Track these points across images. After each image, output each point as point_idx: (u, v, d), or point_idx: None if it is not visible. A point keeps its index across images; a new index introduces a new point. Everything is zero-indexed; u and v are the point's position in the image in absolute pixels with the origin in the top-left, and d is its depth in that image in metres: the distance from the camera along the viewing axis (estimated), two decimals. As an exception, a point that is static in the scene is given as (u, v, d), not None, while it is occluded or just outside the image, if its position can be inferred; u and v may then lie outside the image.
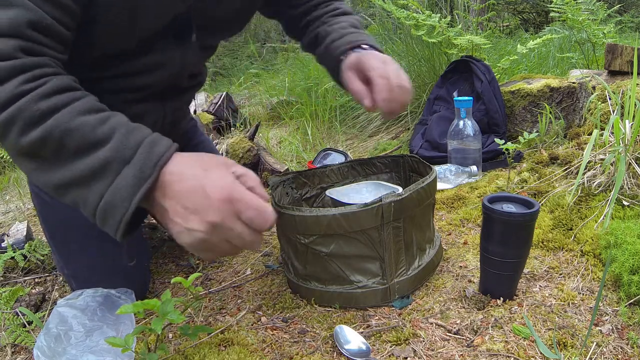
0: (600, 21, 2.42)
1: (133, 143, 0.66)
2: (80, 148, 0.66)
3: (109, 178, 0.65)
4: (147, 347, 0.78)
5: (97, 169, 0.65)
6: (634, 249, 0.90)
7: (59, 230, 1.03)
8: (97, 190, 0.65)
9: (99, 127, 0.67)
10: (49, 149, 0.66)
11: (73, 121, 0.66)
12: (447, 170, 1.54)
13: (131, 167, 0.65)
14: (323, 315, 0.92)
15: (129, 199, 0.64)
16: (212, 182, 0.63)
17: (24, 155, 0.68)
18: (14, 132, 0.66)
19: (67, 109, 0.67)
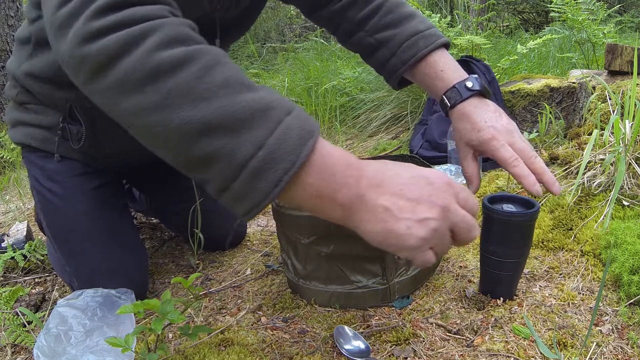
0: (600, 21, 2.42)
1: (286, 99, 0.57)
2: (231, 82, 0.54)
3: (271, 124, 0.53)
4: (147, 347, 0.78)
5: (256, 111, 0.53)
6: (634, 249, 0.90)
7: (62, 229, 1.04)
8: (254, 137, 0.52)
9: (247, 77, 0.57)
10: (192, 70, 0.53)
11: (222, 56, 0.56)
12: (447, 170, 1.54)
13: (294, 117, 0.55)
14: (323, 315, 0.92)
15: (297, 149, 0.53)
16: (421, 169, 0.60)
17: (155, 73, 0.53)
18: (150, 43, 0.53)
19: (213, 47, 0.57)
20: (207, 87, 0.53)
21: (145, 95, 0.54)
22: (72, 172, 1.05)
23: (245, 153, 0.52)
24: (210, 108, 0.53)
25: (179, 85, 0.53)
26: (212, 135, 0.53)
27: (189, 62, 0.54)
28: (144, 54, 0.53)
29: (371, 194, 0.57)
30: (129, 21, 0.54)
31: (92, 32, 0.54)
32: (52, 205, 1.03)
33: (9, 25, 3.08)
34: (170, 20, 0.56)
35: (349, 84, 2.80)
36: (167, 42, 0.54)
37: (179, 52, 0.54)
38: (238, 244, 1.32)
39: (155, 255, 1.33)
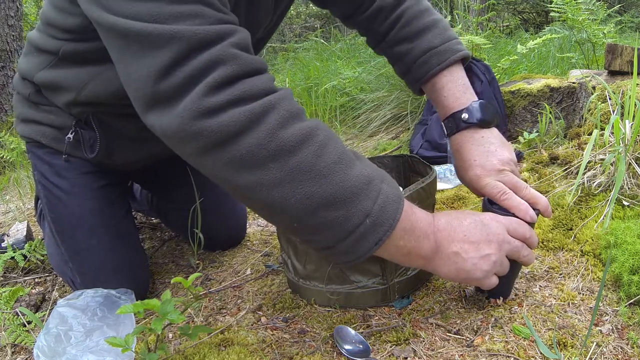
0: (600, 21, 2.42)
1: (374, 165, 0.66)
2: (342, 158, 0.60)
3: (373, 194, 0.61)
4: (147, 347, 0.78)
5: (363, 184, 0.61)
6: (634, 249, 0.90)
7: (68, 225, 1.04)
8: (363, 208, 0.60)
9: (344, 145, 0.63)
10: (312, 149, 0.57)
11: (330, 130, 0.62)
12: (447, 170, 1.54)
13: (387, 184, 0.65)
14: (323, 315, 0.92)
15: (393, 214, 0.63)
16: (477, 215, 0.76)
17: (278, 153, 0.56)
18: (272, 122, 0.56)
19: (320, 121, 0.63)
20: (325, 164, 0.58)
21: (268, 172, 0.57)
22: (80, 169, 1.05)
23: (356, 221, 0.60)
24: (329, 184, 0.58)
25: (301, 163, 0.57)
26: (330, 208, 0.59)
27: (308, 140, 0.58)
28: (267, 132, 0.56)
29: (444, 244, 0.71)
30: (248, 97, 0.56)
31: (210, 107, 0.55)
32: (59, 201, 1.04)
33: (9, 25, 3.08)
34: (284, 95, 0.59)
35: (349, 84, 2.80)
36: (287, 119, 0.57)
37: (298, 129, 0.58)
38: (238, 244, 1.32)
39: (155, 255, 1.33)
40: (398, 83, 2.45)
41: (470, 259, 0.72)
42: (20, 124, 1.09)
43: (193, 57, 0.56)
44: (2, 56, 3.05)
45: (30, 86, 1.03)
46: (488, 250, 0.73)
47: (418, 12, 0.92)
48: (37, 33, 0.98)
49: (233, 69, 0.56)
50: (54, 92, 0.99)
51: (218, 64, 0.56)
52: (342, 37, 4.77)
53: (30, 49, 1.01)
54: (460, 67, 0.90)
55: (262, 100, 0.57)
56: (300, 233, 0.64)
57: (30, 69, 1.00)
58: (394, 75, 2.52)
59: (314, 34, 4.25)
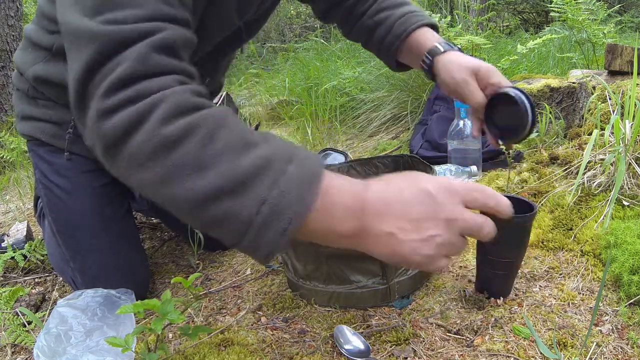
0: (600, 21, 2.42)
1: (289, 146, 0.58)
2: (233, 145, 0.55)
3: (269, 178, 0.54)
4: (147, 347, 0.78)
5: (258, 167, 0.54)
6: (634, 249, 0.90)
7: (68, 224, 1.04)
8: (255, 196, 0.53)
9: (250, 130, 0.58)
10: (196, 140, 0.54)
11: (226, 119, 0.58)
12: (447, 170, 1.54)
13: (295, 164, 0.55)
14: (323, 315, 0.92)
15: (299, 201, 0.53)
16: (423, 182, 0.58)
17: (160, 150, 0.54)
18: (155, 118, 0.54)
19: (217, 108, 0.59)
20: (210, 154, 0.54)
21: (151, 171, 0.55)
22: (81, 168, 1.05)
23: (249, 212, 0.53)
24: (214, 175, 0.54)
25: (182, 157, 0.54)
26: (218, 200, 0.54)
27: (191, 133, 0.54)
28: (149, 130, 0.54)
29: (373, 223, 0.57)
30: (137, 97, 0.55)
31: (105, 109, 0.55)
32: (60, 200, 1.04)
33: (9, 25, 3.08)
34: (174, 91, 0.56)
35: (349, 84, 2.80)
36: (170, 116, 0.54)
37: (183, 123, 0.54)
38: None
39: (155, 255, 1.33)
40: (398, 83, 2.45)
41: (408, 241, 0.57)
42: (20, 122, 1.09)
43: (106, 61, 0.56)
44: (2, 56, 3.04)
45: (28, 81, 1.04)
46: (433, 231, 0.56)
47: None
48: (33, 26, 1.00)
49: (133, 70, 0.55)
50: (49, 87, 0.99)
51: (120, 64, 0.55)
52: (342, 37, 4.77)
53: (26, 44, 1.02)
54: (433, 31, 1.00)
55: (150, 98, 0.55)
56: (208, 230, 0.58)
57: (26, 64, 1.01)
58: (394, 75, 2.52)
59: (314, 34, 4.26)
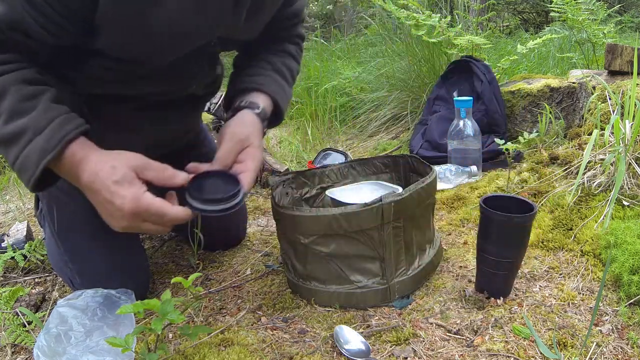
0: (600, 21, 2.42)
1: (47, 119, 0.77)
2: (6, 112, 0.76)
3: (21, 144, 0.76)
4: (147, 347, 0.78)
5: (16, 135, 0.76)
6: (634, 249, 0.90)
7: (67, 226, 1.04)
8: (13, 153, 0.77)
9: (27, 100, 0.77)
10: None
11: (9, 87, 0.76)
12: (447, 170, 1.54)
13: (41, 137, 0.76)
14: (323, 315, 0.92)
15: (36, 164, 0.76)
16: (121, 197, 0.76)
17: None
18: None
19: (11, 74, 0.77)
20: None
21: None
22: None
23: (11, 160, 0.78)
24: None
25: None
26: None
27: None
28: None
29: (75, 176, 0.80)
30: None
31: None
32: (59, 201, 1.04)
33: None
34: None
35: (349, 84, 2.80)
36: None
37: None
38: (238, 244, 1.32)
39: (155, 255, 1.33)
40: (398, 83, 2.45)
41: (100, 212, 0.79)
42: None
43: None
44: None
45: None
46: (113, 224, 0.79)
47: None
48: None
49: None
50: None
51: None
52: (342, 37, 4.77)
53: None
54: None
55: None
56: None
57: None
58: (394, 75, 2.52)
59: (314, 34, 4.26)
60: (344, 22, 7.01)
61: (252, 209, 1.57)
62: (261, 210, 1.57)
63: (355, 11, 6.06)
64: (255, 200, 1.66)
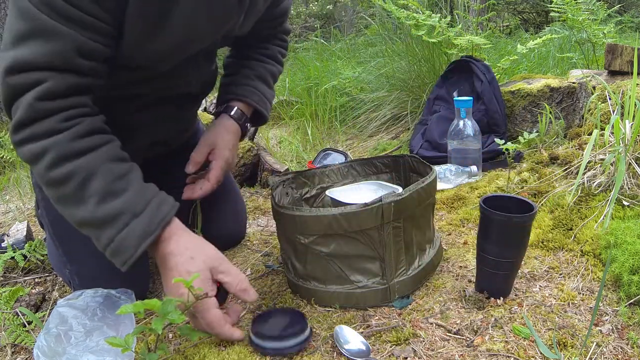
0: (600, 21, 2.42)
1: (143, 200, 0.80)
2: (98, 193, 0.77)
3: (119, 227, 0.78)
4: (147, 347, 0.78)
5: (111, 217, 0.78)
6: (634, 249, 0.90)
7: (65, 227, 1.03)
8: (108, 235, 0.78)
9: (117, 180, 0.79)
10: (72, 186, 0.76)
11: (99, 167, 0.78)
12: (447, 170, 1.54)
13: (139, 221, 0.79)
14: (323, 315, 0.92)
15: (135, 247, 0.79)
16: (196, 268, 0.81)
17: (50, 185, 0.78)
18: (44, 163, 0.75)
19: (95, 152, 0.79)
20: (82, 195, 0.77)
21: (50, 192, 0.80)
22: None
23: (104, 242, 0.79)
24: (83, 212, 0.78)
25: (64, 194, 0.78)
26: (87, 227, 0.80)
27: (70, 179, 0.77)
28: (42, 171, 0.77)
29: (162, 252, 0.83)
30: (32, 137, 0.76)
31: (15, 141, 0.78)
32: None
33: (9, 25, 3.07)
34: (58, 140, 0.76)
35: (349, 84, 2.80)
36: (54, 163, 0.76)
37: (62, 171, 0.76)
38: (238, 243, 1.32)
39: (155, 255, 1.33)
40: (398, 83, 2.45)
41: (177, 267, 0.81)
42: None
43: (13, 102, 0.76)
44: (2, 56, 3.04)
45: None
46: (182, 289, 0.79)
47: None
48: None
49: (25, 116, 0.75)
50: None
51: (18, 109, 0.75)
52: (342, 37, 4.77)
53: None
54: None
55: (40, 143, 0.75)
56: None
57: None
58: (394, 75, 2.52)
59: (314, 34, 4.26)
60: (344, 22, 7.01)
61: (252, 209, 1.57)
62: (261, 210, 1.57)
63: (355, 11, 6.06)
64: (255, 200, 1.66)
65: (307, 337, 0.82)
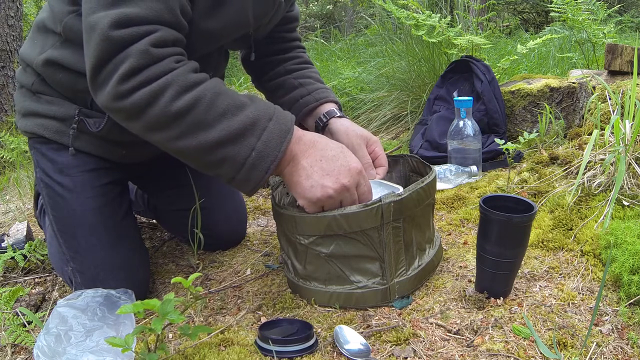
0: (600, 21, 2.42)
1: (269, 105, 0.83)
2: (229, 108, 0.79)
3: (258, 133, 0.79)
4: (147, 347, 0.78)
5: (249, 125, 0.79)
6: (634, 249, 0.90)
7: (69, 224, 1.04)
8: (248, 144, 0.79)
9: (241, 95, 0.81)
10: (202, 109, 0.77)
11: (220, 87, 0.81)
12: (447, 170, 1.54)
13: (275, 122, 0.81)
14: (323, 315, 0.92)
15: (278, 147, 0.80)
16: (351, 155, 0.86)
17: (176, 118, 0.77)
18: (167, 98, 0.76)
19: (211, 80, 0.81)
20: (213, 117, 0.78)
21: (172, 130, 0.78)
22: (83, 166, 1.05)
23: (243, 155, 0.80)
24: (217, 131, 0.78)
25: (194, 120, 0.78)
26: (221, 147, 0.79)
27: (197, 104, 0.77)
28: (163, 106, 0.76)
29: (299, 154, 0.84)
30: (149, 80, 0.76)
31: (122, 92, 0.76)
32: (61, 198, 1.04)
33: (9, 25, 3.08)
34: (176, 74, 0.77)
35: (349, 84, 2.80)
36: (178, 94, 0.76)
37: (188, 98, 0.77)
38: (238, 243, 1.32)
39: (155, 255, 1.33)
40: (398, 83, 2.45)
41: (311, 179, 0.83)
42: (22, 119, 1.09)
43: (114, 56, 0.76)
44: (2, 56, 3.04)
45: (34, 74, 1.04)
46: (331, 184, 0.83)
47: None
48: (47, 14, 1.02)
49: (139, 62, 0.75)
50: (59, 71, 0.99)
51: (128, 58, 0.75)
52: (342, 37, 4.77)
53: (35, 33, 1.04)
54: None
55: (158, 81, 0.76)
56: (209, 170, 0.83)
57: (35, 52, 1.02)
58: (394, 75, 2.52)
59: (314, 34, 4.26)
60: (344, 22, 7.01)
61: (252, 209, 1.57)
62: (261, 210, 1.57)
63: (355, 11, 6.06)
64: (255, 200, 1.66)
65: (313, 344, 0.82)
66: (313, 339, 0.82)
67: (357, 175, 0.85)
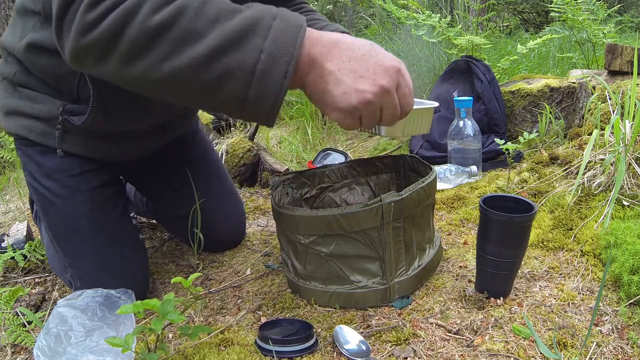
0: (600, 21, 2.42)
1: (272, 6, 0.67)
2: (221, 13, 0.63)
3: (263, 31, 0.63)
4: (147, 347, 0.78)
5: (248, 26, 0.63)
6: (634, 249, 0.90)
7: (63, 230, 1.03)
8: (253, 47, 0.63)
9: (231, 2, 0.66)
10: (187, 17, 0.62)
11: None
12: (447, 170, 1.54)
13: (280, 19, 0.65)
14: (323, 315, 0.92)
15: (292, 43, 0.63)
16: (384, 53, 0.69)
17: (158, 33, 0.62)
18: (143, 13, 0.62)
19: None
20: (203, 24, 0.62)
21: (154, 52, 0.62)
22: (71, 170, 1.02)
23: (251, 61, 0.62)
24: (211, 38, 0.62)
25: (180, 33, 0.62)
26: (219, 57, 0.62)
27: (182, 13, 0.62)
28: (139, 23, 0.61)
29: (320, 57, 0.66)
30: (116, 3, 0.61)
31: (91, 21, 0.62)
32: (52, 205, 1.02)
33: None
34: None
35: (349, 84, 2.79)
36: (158, 6, 0.61)
37: (170, 9, 0.61)
38: (238, 244, 1.32)
39: (155, 255, 1.33)
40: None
41: (343, 85, 0.66)
42: (6, 118, 1.03)
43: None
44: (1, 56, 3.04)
45: (16, 63, 0.99)
46: (368, 88, 0.66)
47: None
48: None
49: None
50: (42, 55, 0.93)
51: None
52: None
53: (15, 18, 0.98)
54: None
55: (128, 1, 0.61)
56: (213, 97, 0.66)
57: (16, 38, 0.96)
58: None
59: (314, 34, 4.26)
60: (344, 22, 7.00)
61: (252, 209, 1.57)
62: (261, 210, 1.57)
63: (355, 11, 6.06)
64: (255, 200, 1.66)
65: (313, 344, 0.82)
66: (313, 339, 0.82)
67: (395, 74, 0.68)
